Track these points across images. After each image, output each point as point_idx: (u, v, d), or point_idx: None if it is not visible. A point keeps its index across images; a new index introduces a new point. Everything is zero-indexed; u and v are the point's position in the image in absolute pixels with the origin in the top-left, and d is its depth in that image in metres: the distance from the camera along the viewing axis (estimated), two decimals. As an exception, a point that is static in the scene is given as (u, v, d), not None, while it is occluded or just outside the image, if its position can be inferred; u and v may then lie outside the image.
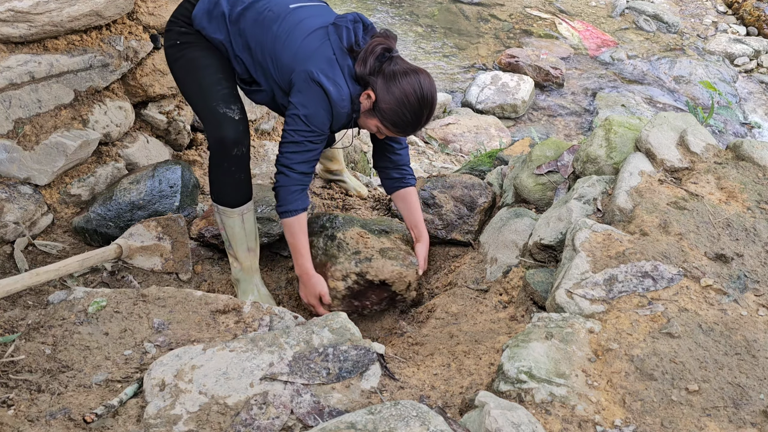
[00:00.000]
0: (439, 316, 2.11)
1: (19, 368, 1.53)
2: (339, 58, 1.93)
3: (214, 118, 2.02)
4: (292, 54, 1.94)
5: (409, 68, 1.92)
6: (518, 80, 4.96)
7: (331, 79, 1.91)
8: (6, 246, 2.21)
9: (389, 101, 1.90)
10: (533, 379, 1.35)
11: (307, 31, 1.96)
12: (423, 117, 1.95)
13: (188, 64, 2.07)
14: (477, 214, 2.60)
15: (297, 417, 1.34)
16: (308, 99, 1.91)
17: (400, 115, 1.92)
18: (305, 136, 1.95)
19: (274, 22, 1.98)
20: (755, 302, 1.62)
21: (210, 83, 2.04)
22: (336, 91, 1.91)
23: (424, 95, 1.90)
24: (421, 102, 1.90)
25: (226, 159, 2.04)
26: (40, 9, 2.08)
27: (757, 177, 2.02)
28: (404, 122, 1.94)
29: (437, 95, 1.94)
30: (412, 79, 1.89)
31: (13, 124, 2.16)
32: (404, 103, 1.90)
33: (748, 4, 6.38)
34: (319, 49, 1.93)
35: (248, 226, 2.17)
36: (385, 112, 1.92)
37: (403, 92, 1.88)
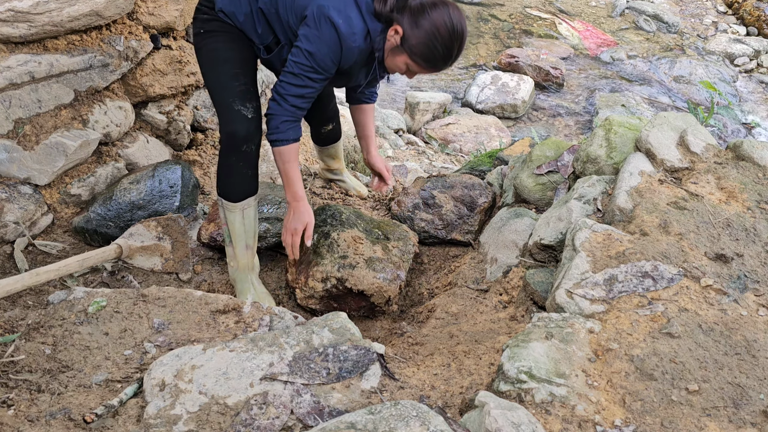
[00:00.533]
0: (439, 316, 2.11)
1: (19, 368, 1.53)
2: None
3: (227, 113, 2.04)
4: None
5: (436, 1, 1.85)
6: (518, 80, 4.96)
7: (343, 13, 1.84)
8: (6, 246, 2.21)
9: (419, 35, 1.84)
10: (533, 379, 1.35)
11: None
12: (455, 50, 1.88)
13: (209, 56, 2.07)
14: (477, 214, 2.60)
15: (297, 417, 1.34)
16: (315, 34, 1.86)
17: (431, 48, 1.86)
18: (305, 71, 1.91)
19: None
20: (755, 302, 1.62)
21: (228, 78, 2.04)
22: (346, 26, 1.84)
23: (455, 27, 1.84)
24: (452, 34, 1.84)
25: (235, 154, 2.06)
26: (40, 9, 2.08)
27: (757, 177, 2.03)
28: (436, 56, 1.88)
29: (466, 29, 1.88)
30: (442, 11, 1.83)
31: (13, 124, 2.16)
32: (435, 36, 1.84)
33: (748, 4, 6.38)
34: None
35: (248, 222, 2.17)
36: (415, 47, 1.86)
37: (434, 24, 1.82)
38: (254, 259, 2.25)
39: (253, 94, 2.09)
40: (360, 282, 2.19)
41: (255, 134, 2.07)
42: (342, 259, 2.22)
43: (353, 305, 2.26)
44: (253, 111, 2.06)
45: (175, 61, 2.65)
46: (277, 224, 2.42)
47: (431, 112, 5.00)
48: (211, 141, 2.99)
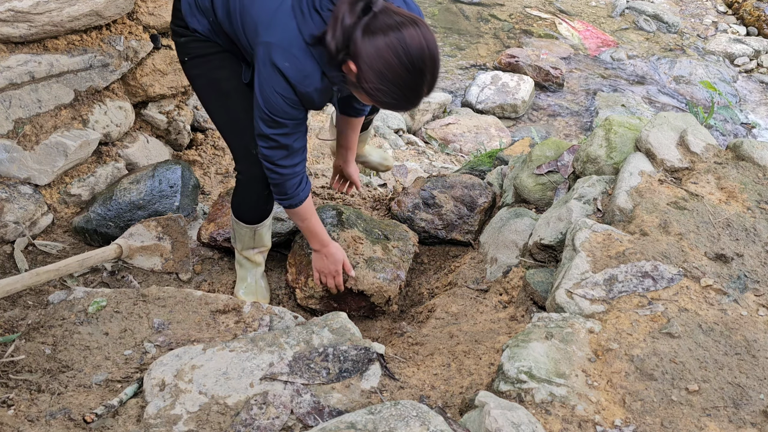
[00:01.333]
0: (439, 316, 2.11)
1: (19, 368, 1.53)
2: (299, 22, 1.55)
3: (246, 157, 1.93)
4: (254, 23, 1.63)
5: (390, 24, 1.44)
6: (518, 80, 4.96)
7: (288, 53, 1.55)
8: (6, 246, 2.21)
9: (370, 78, 1.47)
10: (533, 379, 1.35)
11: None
12: (421, 85, 1.49)
13: (209, 88, 1.90)
14: (477, 214, 2.60)
15: (297, 417, 1.34)
16: (264, 82, 1.61)
17: (388, 93, 1.49)
18: (273, 128, 1.68)
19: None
20: (755, 302, 1.62)
21: (239, 116, 1.87)
22: (293, 69, 1.56)
23: (413, 58, 1.43)
24: (410, 69, 1.45)
25: (256, 194, 2.03)
26: (40, 9, 2.08)
27: (757, 177, 2.02)
28: (397, 99, 1.51)
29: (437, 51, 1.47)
30: (393, 40, 1.42)
31: (13, 124, 2.16)
32: (387, 78, 1.45)
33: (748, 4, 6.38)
34: (277, 14, 1.57)
35: (258, 238, 2.20)
36: (371, 91, 1.50)
37: (384, 63, 1.44)
38: (261, 256, 2.28)
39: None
40: (360, 282, 2.19)
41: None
42: None
43: (353, 305, 2.26)
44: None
45: (175, 61, 2.65)
46: (276, 224, 2.42)
47: (431, 112, 5.00)
48: (211, 141, 2.99)
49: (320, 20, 1.55)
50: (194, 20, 1.82)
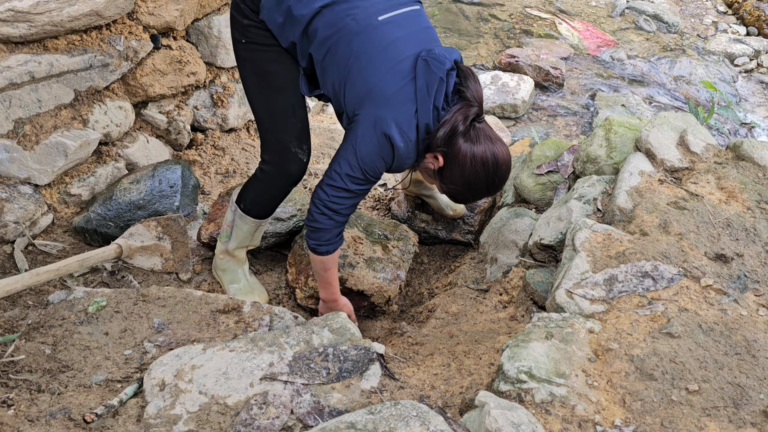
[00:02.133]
0: (439, 316, 2.11)
1: (19, 368, 1.53)
2: (420, 110, 1.69)
3: (283, 152, 1.94)
4: (368, 87, 1.69)
5: (489, 137, 1.73)
6: (518, 80, 4.96)
7: (405, 135, 1.69)
8: (6, 246, 2.21)
9: (455, 176, 1.75)
10: (533, 379, 1.35)
11: (394, 59, 1.68)
12: (486, 194, 1.82)
13: (260, 77, 1.87)
14: (477, 214, 2.60)
15: (297, 417, 1.34)
16: (371, 147, 1.70)
17: (461, 192, 1.80)
18: (359, 185, 1.77)
19: (355, 35, 1.69)
20: (755, 302, 1.62)
21: (284, 112, 1.89)
22: (405, 148, 1.71)
23: (497, 171, 1.74)
24: (489, 181, 1.76)
25: (280, 191, 2.04)
26: (40, 9, 2.08)
27: (757, 177, 2.02)
28: (462, 197, 1.84)
29: (511, 164, 1.79)
30: (488, 153, 1.71)
31: (13, 124, 2.16)
32: (468, 181, 1.75)
33: (748, 4, 6.38)
34: (400, 93, 1.68)
35: (257, 234, 2.20)
36: (449, 184, 1.79)
37: (472, 169, 1.72)
38: (246, 255, 2.28)
39: (307, 130, 1.97)
40: (360, 282, 2.19)
41: (303, 175, 2.01)
42: (342, 259, 2.23)
43: (353, 305, 2.26)
44: (307, 152, 1.96)
45: (175, 61, 2.65)
46: (276, 224, 2.42)
47: (431, 112, 4.99)
48: (211, 141, 2.99)
49: (437, 116, 1.72)
50: (270, 15, 1.76)
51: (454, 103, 1.72)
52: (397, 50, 1.69)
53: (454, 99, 1.73)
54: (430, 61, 1.67)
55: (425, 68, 1.67)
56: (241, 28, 1.82)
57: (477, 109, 1.71)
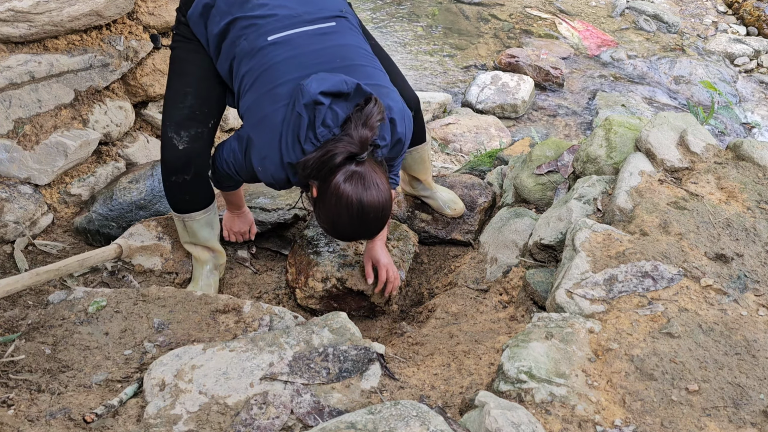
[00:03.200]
0: (439, 316, 2.11)
1: (19, 368, 1.53)
2: (283, 139, 1.65)
3: (162, 137, 1.96)
4: (246, 107, 1.73)
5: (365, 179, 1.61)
6: (518, 80, 4.96)
7: (263, 160, 1.70)
8: (6, 246, 2.21)
9: (322, 212, 1.68)
10: (533, 379, 1.35)
11: (272, 83, 1.68)
12: (358, 237, 1.76)
13: (173, 63, 1.96)
14: (477, 213, 2.60)
15: (297, 417, 1.34)
16: (237, 158, 1.79)
17: (329, 231, 1.74)
18: (236, 170, 1.85)
19: (245, 55, 1.73)
20: (755, 302, 1.62)
21: (174, 96, 1.92)
22: (264, 175, 1.74)
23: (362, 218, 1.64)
24: (353, 226, 1.66)
25: (166, 180, 2.01)
26: (40, 9, 2.08)
27: (757, 177, 2.02)
28: (333, 234, 1.77)
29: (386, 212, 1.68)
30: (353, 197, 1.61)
31: (13, 124, 2.16)
32: (334, 223, 1.68)
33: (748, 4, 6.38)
34: (267, 118, 1.67)
35: (189, 230, 2.14)
36: (318, 217, 1.72)
37: (338, 214, 1.64)
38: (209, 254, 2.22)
39: (198, 119, 1.92)
40: (360, 282, 2.19)
41: (185, 166, 1.95)
42: (342, 259, 2.22)
43: (353, 305, 2.26)
44: (187, 141, 1.91)
45: (175, 61, 2.65)
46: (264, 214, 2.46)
47: (431, 112, 5.00)
48: (211, 141, 2.99)
49: (301, 153, 1.64)
50: (196, 27, 1.87)
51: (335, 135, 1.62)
52: (277, 73, 1.68)
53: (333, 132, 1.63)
54: (296, 94, 1.62)
55: (295, 99, 1.63)
56: (177, 23, 1.94)
57: (357, 147, 1.58)
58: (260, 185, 2.65)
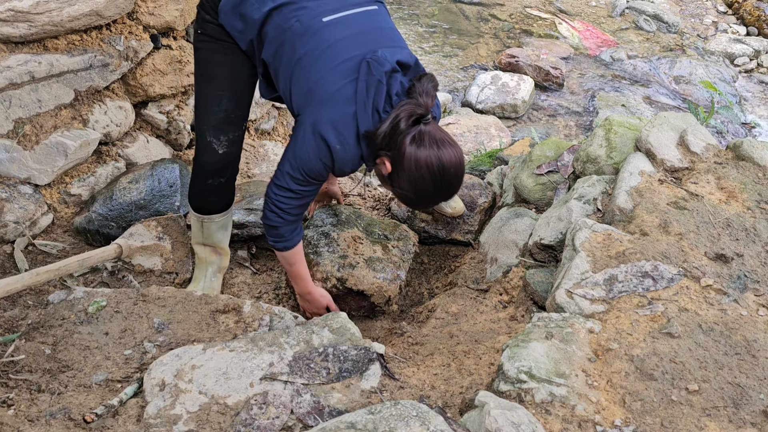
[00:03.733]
0: (439, 316, 2.11)
1: (19, 368, 1.53)
2: (359, 112, 1.67)
3: (200, 141, 1.96)
4: (308, 88, 1.69)
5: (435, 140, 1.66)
6: (518, 80, 4.96)
7: (341, 136, 1.68)
8: (6, 246, 2.21)
9: (403, 182, 1.70)
10: (533, 379, 1.35)
11: (335, 60, 1.68)
12: (438, 199, 1.79)
13: (201, 65, 1.91)
14: (477, 213, 2.60)
15: (297, 417, 1.34)
16: (309, 149, 1.71)
17: (410, 198, 1.77)
18: (301, 185, 1.78)
19: (299, 37, 1.70)
20: (755, 302, 1.62)
21: (209, 100, 1.90)
22: (342, 151, 1.70)
23: (444, 177, 1.68)
24: (437, 188, 1.71)
25: (201, 183, 2.04)
26: (40, 9, 2.08)
27: (757, 177, 2.02)
28: (413, 202, 1.82)
29: (464, 171, 1.73)
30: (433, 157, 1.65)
31: (13, 124, 2.16)
32: (416, 187, 1.70)
33: (748, 4, 6.38)
34: (338, 94, 1.67)
35: (206, 231, 2.17)
36: (398, 189, 1.74)
37: (419, 175, 1.66)
38: (216, 257, 2.23)
39: (234, 122, 1.94)
40: (360, 282, 2.19)
41: (223, 169, 1.99)
42: (342, 259, 2.23)
43: (353, 305, 2.26)
44: (227, 144, 1.93)
45: (175, 61, 2.65)
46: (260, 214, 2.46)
47: (431, 112, 4.99)
48: (211, 141, 2.99)
49: (377, 119, 1.69)
50: (228, 20, 1.80)
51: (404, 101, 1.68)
52: (339, 51, 1.69)
53: (399, 98, 1.69)
54: (372, 63, 1.65)
55: (367, 70, 1.66)
56: (202, 21, 1.87)
57: (423, 109, 1.66)
58: (260, 186, 2.65)
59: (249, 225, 2.46)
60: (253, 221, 2.46)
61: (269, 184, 1.83)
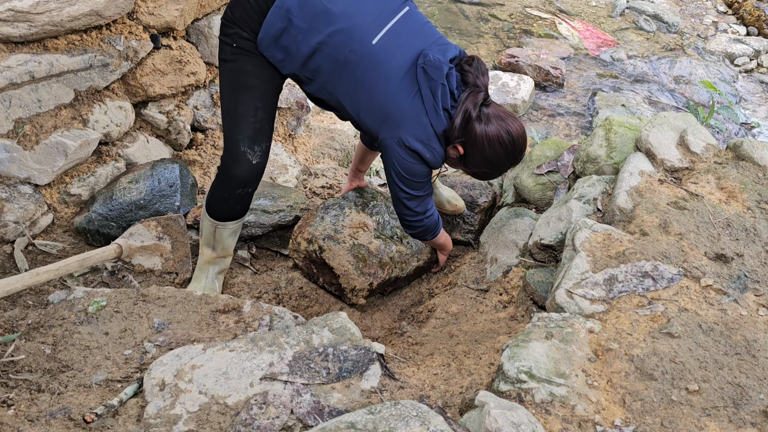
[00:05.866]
0: (439, 316, 2.11)
1: (19, 368, 1.53)
2: (433, 120, 1.84)
3: (232, 151, 1.96)
4: (381, 112, 1.83)
5: (500, 115, 1.88)
6: (518, 80, 4.96)
7: (426, 145, 1.86)
8: (6, 246, 2.21)
9: (477, 159, 1.92)
10: (533, 379, 1.35)
11: (396, 78, 1.80)
12: (509, 167, 1.98)
13: (234, 76, 1.91)
14: (477, 213, 2.60)
15: (297, 417, 1.34)
16: (406, 162, 1.88)
17: (485, 173, 1.98)
18: (418, 189, 1.96)
19: (358, 65, 1.80)
20: (755, 302, 1.62)
21: (244, 112, 1.92)
22: (432, 156, 1.89)
23: (515, 146, 1.90)
24: (510, 156, 1.92)
25: (228, 192, 2.04)
26: (40, 9, 2.08)
27: (757, 177, 2.02)
28: (487, 175, 2.00)
29: (526, 134, 1.95)
30: (502, 130, 1.87)
31: (13, 124, 2.16)
32: (490, 160, 1.91)
33: (748, 4, 6.38)
34: (410, 110, 1.82)
35: (218, 236, 2.17)
36: (473, 168, 1.96)
37: (491, 148, 1.88)
38: (220, 259, 2.24)
39: (266, 133, 1.98)
40: (333, 258, 2.24)
41: (254, 179, 2.01)
42: (335, 233, 2.28)
43: (327, 279, 2.32)
44: (260, 155, 1.97)
45: (176, 61, 2.65)
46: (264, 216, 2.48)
47: (431, 112, 4.99)
48: (211, 141, 2.99)
49: (447, 117, 1.86)
50: (269, 52, 1.85)
51: (461, 93, 1.84)
52: (397, 67, 1.80)
53: (461, 90, 1.85)
54: (428, 69, 1.79)
55: (425, 77, 1.80)
56: (237, 37, 1.87)
57: (484, 93, 1.85)
58: (260, 186, 2.65)
59: (249, 225, 2.46)
60: (253, 221, 2.46)
61: (399, 215, 2.05)
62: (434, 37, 1.89)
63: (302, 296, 2.36)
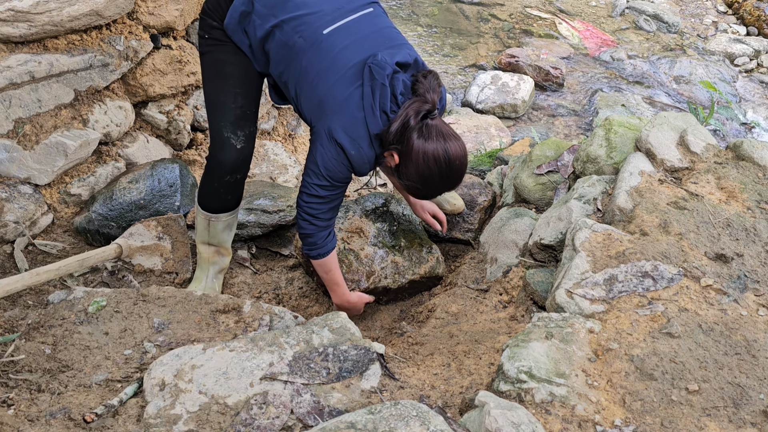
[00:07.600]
0: (439, 316, 2.11)
1: (19, 368, 1.53)
2: (368, 116, 1.77)
3: (217, 137, 1.98)
4: (318, 99, 1.79)
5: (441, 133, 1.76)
6: (518, 80, 4.96)
7: (354, 142, 1.78)
8: (6, 246, 2.21)
9: (411, 173, 1.80)
10: (533, 379, 1.35)
11: (340, 69, 1.77)
12: (443, 190, 1.88)
13: (212, 67, 1.96)
14: (477, 212, 2.60)
15: (297, 417, 1.34)
16: (329, 156, 1.80)
17: (419, 191, 1.87)
18: (328, 190, 1.87)
19: (304, 52, 1.78)
20: (755, 302, 1.62)
21: (225, 99, 1.95)
22: (357, 155, 1.80)
23: (450, 168, 1.78)
24: (443, 178, 1.81)
25: (217, 180, 2.05)
26: (40, 9, 2.08)
27: (757, 177, 2.02)
28: (424, 193, 1.90)
29: (466, 160, 1.83)
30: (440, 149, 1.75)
31: (13, 124, 2.16)
32: (424, 177, 1.79)
33: (748, 4, 6.38)
34: (347, 102, 1.77)
35: (212, 230, 2.17)
36: (406, 181, 1.84)
37: (426, 166, 1.76)
38: (218, 257, 2.24)
39: (249, 118, 1.99)
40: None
41: (242, 165, 2.02)
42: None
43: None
44: (244, 140, 1.98)
45: (175, 61, 2.65)
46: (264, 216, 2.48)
47: (431, 112, 4.99)
48: (211, 141, 2.99)
49: (386, 119, 1.78)
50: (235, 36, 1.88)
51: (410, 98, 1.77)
52: (343, 60, 1.77)
53: (407, 97, 1.78)
54: (373, 68, 1.74)
55: (369, 75, 1.75)
56: (209, 28, 1.93)
57: (429, 105, 1.75)
58: (260, 186, 2.65)
59: (249, 225, 2.46)
60: (254, 221, 2.46)
61: (298, 196, 1.91)
62: (393, 42, 1.84)
63: (302, 296, 2.36)
